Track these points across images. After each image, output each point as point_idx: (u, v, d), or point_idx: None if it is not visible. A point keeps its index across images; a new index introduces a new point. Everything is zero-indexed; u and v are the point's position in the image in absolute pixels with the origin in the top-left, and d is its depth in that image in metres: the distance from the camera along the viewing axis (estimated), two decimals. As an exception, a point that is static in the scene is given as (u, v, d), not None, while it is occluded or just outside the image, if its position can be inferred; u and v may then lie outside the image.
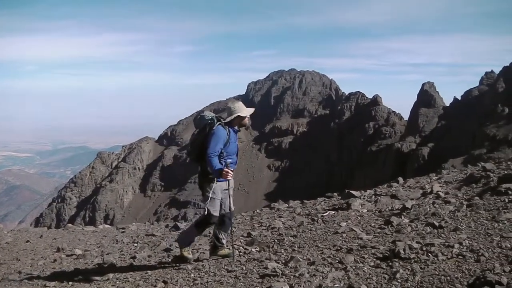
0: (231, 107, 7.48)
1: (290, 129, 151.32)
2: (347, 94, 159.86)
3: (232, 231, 7.91)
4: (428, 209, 9.26)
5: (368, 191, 13.54)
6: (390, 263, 6.03)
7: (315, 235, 8.48)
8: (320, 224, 9.54)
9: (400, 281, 5.38)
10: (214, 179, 7.17)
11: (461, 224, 7.59)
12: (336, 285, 5.62)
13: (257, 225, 11.00)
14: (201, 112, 7.78)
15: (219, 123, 7.26)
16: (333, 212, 10.77)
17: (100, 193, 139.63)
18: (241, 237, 9.78)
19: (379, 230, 8.20)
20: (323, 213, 10.74)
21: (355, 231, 8.22)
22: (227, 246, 7.87)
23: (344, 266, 6.18)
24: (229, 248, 7.88)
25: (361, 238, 7.66)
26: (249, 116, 7.65)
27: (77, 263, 9.69)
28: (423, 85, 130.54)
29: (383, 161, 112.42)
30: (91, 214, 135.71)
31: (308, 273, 6.07)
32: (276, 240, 8.52)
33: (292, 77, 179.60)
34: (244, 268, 6.81)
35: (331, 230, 8.64)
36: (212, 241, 7.91)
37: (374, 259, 6.36)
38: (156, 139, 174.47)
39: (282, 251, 7.50)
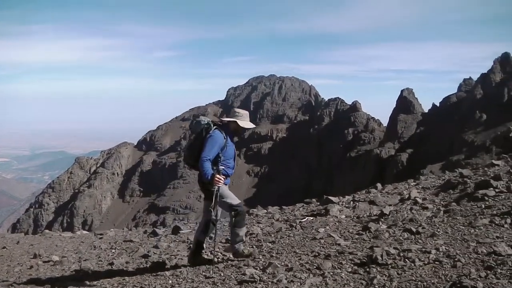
0: (236, 112, 7.53)
1: (270, 135, 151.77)
2: (327, 100, 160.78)
3: (213, 237, 7.85)
4: (406, 215, 9.30)
5: (347, 197, 13.58)
6: (368, 269, 6.04)
7: (293, 241, 8.49)
8: (298, 230, 9.55)
9: (378, 287, 5.39)
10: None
11: (438, 230, 7.63)
12: (314, 291, 5.63)
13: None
14: (197, 117, 7.74)
15: (216, 128, 7.25)
16: (312, 218, 10.79)
17: (78, 199, 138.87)
18: (220, 243, 9.76)
19: (357, 236, 8.23)
20: (302, 219, 10.75)
21: (333, 237, 8.24)
22: (206, 252, 7.84)
23: (322, 272, 6.18)
24: (208, 255, 7.86)
25: (339, 244, 7.67)
26: (245, 128, 7.61)
27: (54, 270, 9.62)
28: (402, 92, 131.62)
29: (362, 167, 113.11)
30: (69, 220, 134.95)
31: (286, 279, 6.06)
32: (255, 246, 8.50)
33: (272, 83, 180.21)
34: (222, 274, 6.79)
35: (309, 236, 8.66)
36: (194, 246, 7.81)
37: (352, 265, 6.37)
38: (135, 145, 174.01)
39: (260, 257, 7.47)
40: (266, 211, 14.07)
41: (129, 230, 16.20)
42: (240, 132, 7.70)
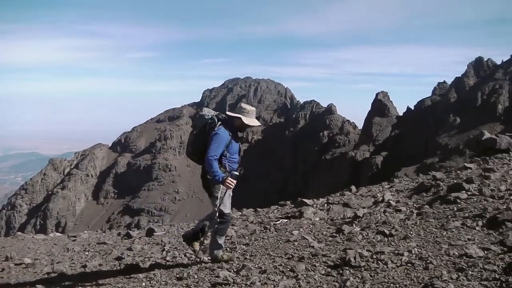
0: (242, 108, 7.26)
1: (245, 137, 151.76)
2: (302, 103, 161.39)
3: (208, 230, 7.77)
4: (379, 218, 9.35)
5: (321, 200, 13.63)
6: (341, 271, 6.07)
7: (267, 244, 8.49)
8: (273, 233, 9.55)
9: (350, 289, 5.43)
10: None
11: (411, 232, 7.69)
12: (287, 294, 5.64)
13: (210, 233, 10.95)
14: (200, 110, 7.47)
15: (220, 123, 7.04)
16: (286, 221, 10.80)
17: (52, 201, 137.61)
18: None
19: (331, 239, 8.25)
20: (276, 222, 10.76)
21: (307, 240, 8.26)
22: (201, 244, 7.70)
23: (296, 274, 6.20)
24: (202, 246, 7.80)
25: (313, 247, 7.69)
26: (250, 127, 7.43)
27: (26, 273, 9.53)
28: (377, 95, 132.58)
29: (337, 169, 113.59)
30: (42, 222, 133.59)
31: (260, 282, 6.06)
32: (228, 249, 8.49)
33: (248, 85, 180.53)
34: (196, 277, 6.76)
35: (283, 239, 8.67)
36: (195, 230, 7.72)
37: (325, 267, 6.39)
38: (110, 146, 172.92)
39: (234, 260, 7.46)
40: (241, 213, 14.06)
41: (103, 232, 16.09)
42: (244, 130, 7.49)
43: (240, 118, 7.17)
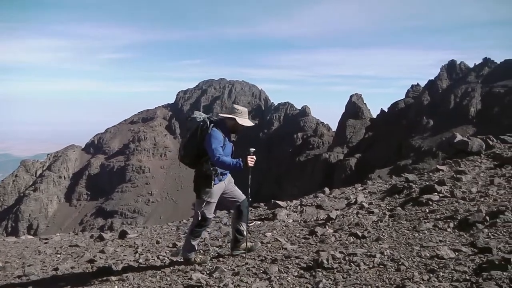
0: (235, 108, 7.23)
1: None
2: (276, 105, 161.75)
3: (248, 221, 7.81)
4: (352, 219, 9.40)
5: (294, 202, 13.66)
6: (314, 273, 6.07)
7: (241, 246, 8.48)
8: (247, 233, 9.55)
9: (323, 291, 5.44)
10: (211, 182, 6.96)
11: (383, 234, 7.73)
12: (260, 296, 5.63)
13: (183, 236, 10.93)
14: (192, 114, 7.36)
15: (213, 126, 6.97)
16: (259, 223, 10.82)
17: (24, 203, 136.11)
18: (166, 248, 9.72)
19: (304, 240, 8.26)
20: (249, 224, 10.76)
21: (280, 241, 8.26)
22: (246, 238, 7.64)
23: (268, 276, 6.19)
24: (252, 242, 7.81)
25: (286, 248, 7.69)
26: (243, 128, 7.37)
27: (-4, 276, 9.38)
28: (351, 97, 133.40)
29: (311, 172, 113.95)
30: (14, 224, 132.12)
31: (233, 284, 6.05)
32: (202, 251, 8.47)
33: (222, 87, 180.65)
34: (169, 279, 6.75)
35: (257, 240, 8.66)
36: (233, 235, 7.65)
37: (298, 269, 6.40)
38: (83, 147, 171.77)
39: (207, 262, 7.44)
40: (214, 215, 13.99)
41: (76, 235, 15.92)
42: (237, 131, 7.40)
43: (234, 119, 7.13)
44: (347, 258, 6.47)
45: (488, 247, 6.03)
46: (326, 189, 15.28)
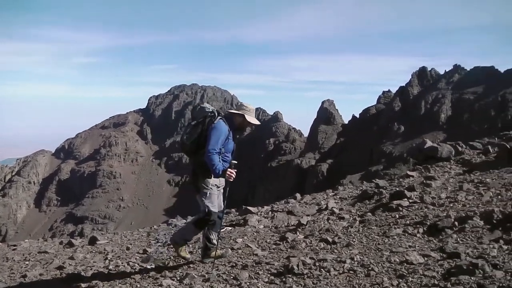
0: (244, 106, 7.24)
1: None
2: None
3: (220, 231, 7.80)
4: (323, 225, 9.43)
5: (265, 207, 13.66)
6: (284, 279, 6.07)
7: (211, 252, 8.45)
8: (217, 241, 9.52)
9: (293, 297, 5.44)
10: (210, 174, 6.89)
11: (354, 240, 7.76)
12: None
13: (154, 242, 10.88)
14: (201, 103, 7.40)
15: (220, 118, 6.96)
16: (230, 228, 10.81)
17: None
18: (137, 254, 9.65)
19: (274, 246, 8.26)
20: (220, 229, 10.73)
21: (251, 247, 8.26)
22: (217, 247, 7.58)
23: (239, 283, 6.17)
24: (222, 249, 7.77)
25: (257, 254, 7.69)
26: (250, 126, 7.39)
27: (-38, 283, 9.22)
28: (323, 103, 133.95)
29: (283, 177, 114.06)
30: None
31: (203, 290, 6.03)
32: (172, 257, 8.42)
33: (194, 92, 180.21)
34: (139, 286, 6.69)
35: (227, 246, 8.64)
36: (203, 243, 7.56)
37: (269, 275, 6.38)
38: (53, 152, 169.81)
39: (178, 268, 7.40)
40: (186, 221, 13.97)
41: (45, 241, 15.70)
42: (244, 128, 7.48)
43: (243, 116, 7.13)
44: (318, 264, 6.47)
45: (457, 252, 6.08)
46: (298, 195, 15.29)
